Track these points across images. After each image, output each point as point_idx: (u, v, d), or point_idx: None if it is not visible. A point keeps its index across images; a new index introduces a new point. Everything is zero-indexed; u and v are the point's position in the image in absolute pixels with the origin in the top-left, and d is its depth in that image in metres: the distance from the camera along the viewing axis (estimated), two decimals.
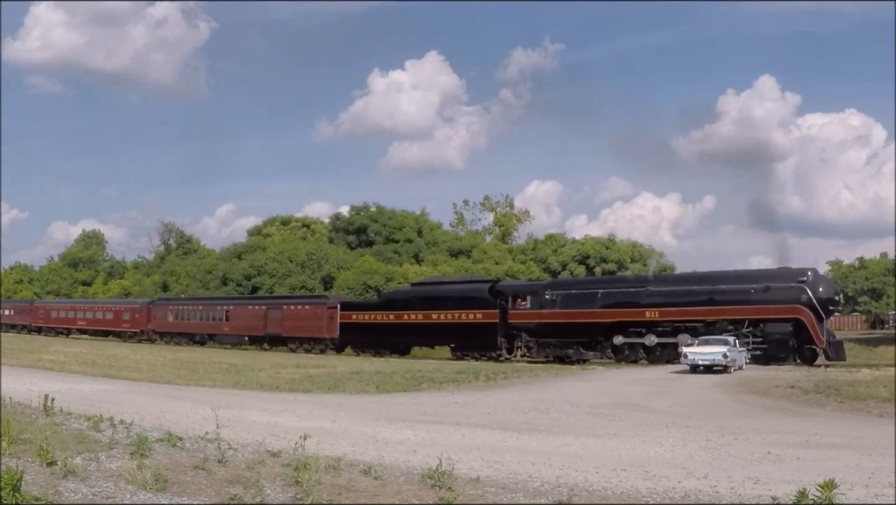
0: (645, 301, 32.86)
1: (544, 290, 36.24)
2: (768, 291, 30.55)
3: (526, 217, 78.53)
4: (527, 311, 35.73)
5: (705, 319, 31.22)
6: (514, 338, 36.32)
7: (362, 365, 30.83)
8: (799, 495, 5.96)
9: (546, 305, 35.16)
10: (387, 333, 39.95)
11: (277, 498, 6.75)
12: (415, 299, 40.30)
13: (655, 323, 32.44)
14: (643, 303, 32.84)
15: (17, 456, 7.75)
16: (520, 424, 13.58)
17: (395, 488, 7.43)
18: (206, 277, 66.63)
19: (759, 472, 8.86)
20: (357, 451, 9.87)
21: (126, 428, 10.57)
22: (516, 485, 7.77)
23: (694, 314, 31.57)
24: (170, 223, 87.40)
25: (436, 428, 12.81)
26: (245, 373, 25.89)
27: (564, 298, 35.05)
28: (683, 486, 7.94)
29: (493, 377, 24.16)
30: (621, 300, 33.66)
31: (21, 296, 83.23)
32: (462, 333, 36.98)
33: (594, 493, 7.56)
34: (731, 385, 21.48)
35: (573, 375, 26.58)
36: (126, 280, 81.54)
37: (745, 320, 30.50)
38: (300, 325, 44.23)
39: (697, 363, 25.63)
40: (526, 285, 40.61)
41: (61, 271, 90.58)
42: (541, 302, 35.36)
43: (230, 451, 8.94)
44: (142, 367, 28.33)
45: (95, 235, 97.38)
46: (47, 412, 11.89)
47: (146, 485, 6.76)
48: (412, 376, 23.72)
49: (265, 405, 15.99)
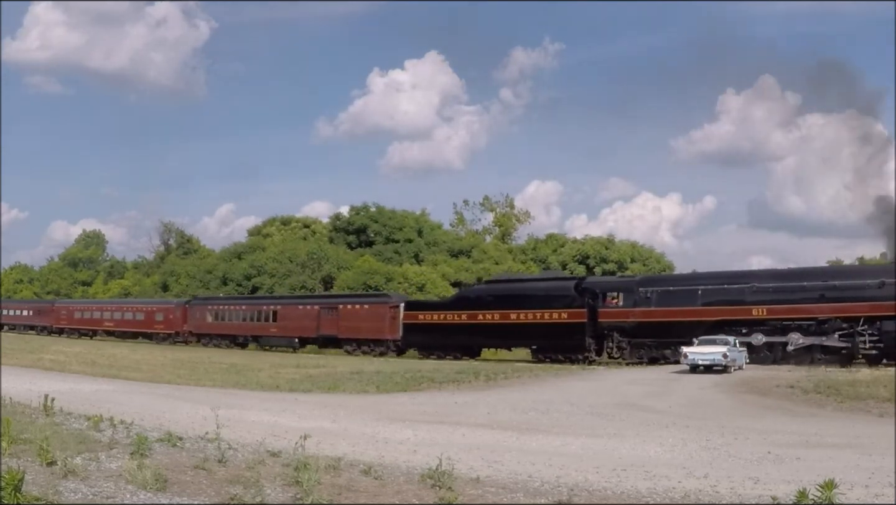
0: (750, 298, 31.21)
1: (638, 286, 34.30)
2: (883, 286, 29.12)
3: (526, 217, 78.64)
4: (619, 309, 33.87)
5: (816, 316, 29.78)
6: (604, 338, 34.44)
7: (362, 365, 30.84)
8: (799, 495, 5.96)
9: (640, 302, 33.29)
10: (457, 334, 37.84)
11: (277, 498, 6.75)
12: (490, 298, 37.98)
13: (762, 321, 30.77)
14: (748, 300, 31.21)
15: (17, 456, 7.74)
16: (520, 424, 13.59)
17: (395, 488, 7.43)
18: (206, 277, 66.60)
19: (759, 472, 8.86)
20: (357, 451, 9.87)
21: (126, 428, 10.56)
22: (516, 485, 7.77)
23: (805, 312, 30.04)
24: (170, 223, 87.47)
25: (436, 428, 12.81)
26: (245, 373, 25.89)
27: (661, 294, 33.16)
28: (683, 486, 7.94)
29: (493, 377, 24.17)
30: (724, 297, 31.91)
31: (21, 296, 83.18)
32: (545, 333, 34.89)
33: (594, 493, 7.56)
34: (731, 385, 21.48)
35: (573, 375, 26.59)
36: (126, 280, 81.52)
37: (861, 318, 29.06)
38: (359, 326, 41.75)
39: (697, 363, 25.65)
40: (618, 282, 38.15)
41: (61, 271, 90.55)
42: (634, 299, 33.48)
43: (230, 451, 8.93)
44: (142, 367, 28.33)
45: (95, 235, 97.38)
46: (47, 412, 11.88)
47: (146, 485, 6.75)
48: (412, 376, 23.72)
49: (265, 405, 16.00)
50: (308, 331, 44.26)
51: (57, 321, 61.57)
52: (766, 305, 30.72)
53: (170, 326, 52.53)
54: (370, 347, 41.07)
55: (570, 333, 34.16)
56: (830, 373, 24.17)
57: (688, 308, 32.18)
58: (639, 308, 33.23)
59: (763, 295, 31.02)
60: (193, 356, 36.13)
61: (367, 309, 42.17)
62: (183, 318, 51.84)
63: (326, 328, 43.17)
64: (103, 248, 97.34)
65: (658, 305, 32.89)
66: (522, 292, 37.19)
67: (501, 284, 40.49)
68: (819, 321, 29.71)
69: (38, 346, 41.52)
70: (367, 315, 41.65)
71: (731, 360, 25.67)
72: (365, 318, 41.66)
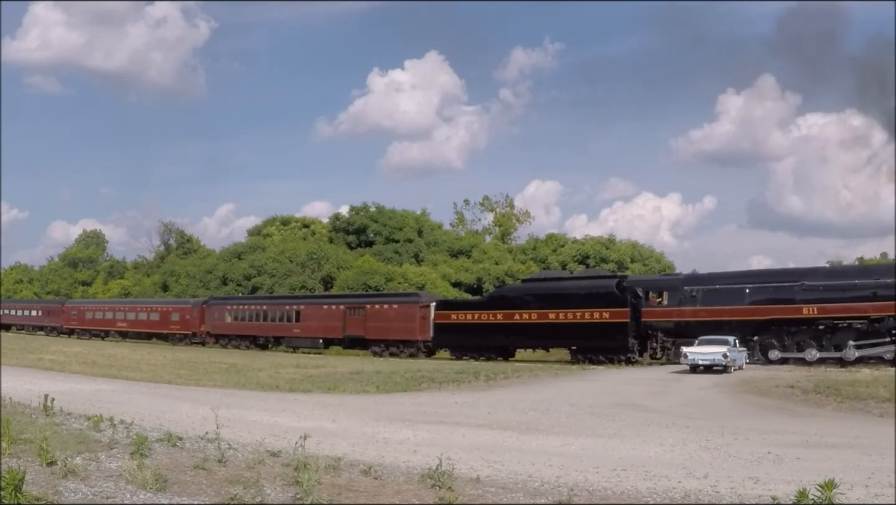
0: (801, 297, 30.16)
1: (683, 284, 33.26)
2: None
3: (526, 217, 78.60)
4: (664, 308, 32.99)
5: (869, 315, 28.76)
6: (648, 338, 33.48)
7: (363, 365, 30.85)
8: (799, 495, 5.96)
9: (686, 301, 32.30)
10: (492, 334, 36.62)
11: (277, 498, 6.75)
12: (528, 297, 36.78)
13: (813, 320, 29.84)
14: (798, 299, 30.14)
15: (17, 456, 7.75)
16: (520, 424, 13.59)
17: (395, 488, 7.44)
18: (207, 277, 66.57)
19: (759, 472, 8.87)
20: (357, 451, 9.88)
21: (126, 428, 10.58)
22: (516, 485, 7.78)
23: (857, 310, 28.98)
24: (170, 223, 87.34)
25: (436, 428, 12.82)
26: (245, 373, 25.90)
27: (707, 293, 32.12)
28: (683, 486, 7.94)
29: (493, 377, 24.18)
30: (773, 296, 30.83)
31: (21, 295, 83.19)
32: (585, 333, 33.71)
33: (594, 493, 7.56)
34: (731, 385, 21.50)
35: (573, 375, 26.61)
36: (126, 280, 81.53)
37: None
38: (387, 326, 40.31)
39: (697, 363, 25.66)
40: (662, 280, 37.07)
41: (61, 271, 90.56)
42: (680, 298, 32.53)
43: (230, 451, 8.94)
44: (142, 367, 28.34)
45: (95, 235, 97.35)
46: (47, 412, 11.90)
47: (146, 485, 6.76)
48: (412, 376, 23.73)
49: (265, 405, 16.01)
50: (333, 331, 42.90)
51: (67, 322, 60.23)
52: (817, 304, 29.71)
53: (186, 327, 51.04)
54: (399, 349, 39.94)
55: (613, 333, 33.19)
56: (830, 373, 24.19)
57: (735, 307, 31.27)
58: (685, 307, 32.30)
59: (814, 293, 30.07)
60: (193, 356, 36.13)
61: (396, 309, 40.84)
62: (200, 318, 50.36)
63: (353, 329, 41.96)
64: (103, 248, 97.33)
65: (704, 303, 31.95)
66: (562, 291, 36.10)
67: (539, 282, 39.16)
68: (871, 320, 28.81)
69: (38, 346, 41.54)
70: (396, 315, 40.40)
71: (731, 360, 25.68)
72: (394, 318, 40.39)
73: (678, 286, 33.34)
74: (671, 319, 32.66)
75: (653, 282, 36.61)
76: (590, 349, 33.56)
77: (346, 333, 42.24)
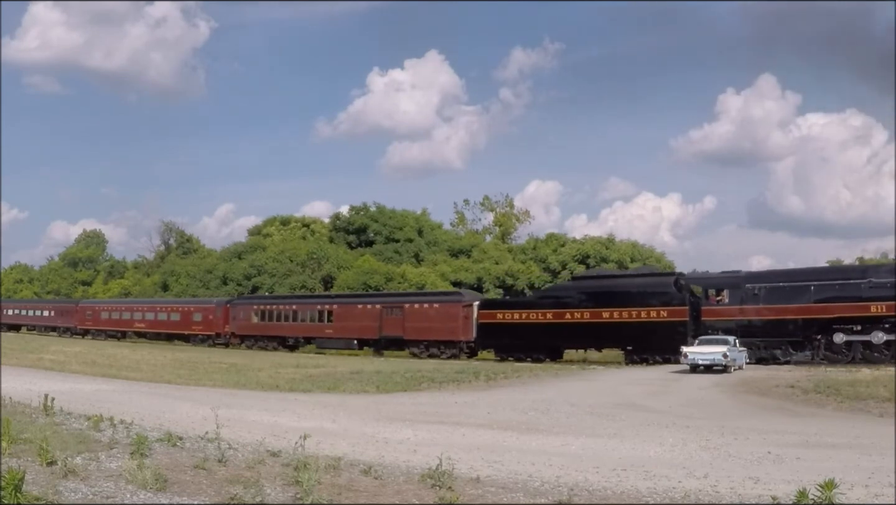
0: (868, 294, 29.22)
1: (745, 282, 32.13)
2: None
3: (525, 217, 78.63)
4: (725, 307, 31.78)
5: None
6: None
7: (363, 365, 30.85)
8: (799, 495, 5.96)
9: (748, 299, 31.28)
10: (540, 334, 35.55)
11: (277, 498, 6.75)
12: (580, 295, 35.61)
13: (881, 318, 28.72)
14: (866, 296, 29.22)
15: (17, 456, 7.75)
16: (520, 424, 13.59)
17: (395, 488, 7.44)
18: (207, 277, 66.59)
19: (759, 472, 8.87)
20: (357, 451, 9.88)
21: (126, 428, 10.58)
22: (516, 485, 7.78)
23: None
24: (170, 223, 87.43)
25: (436, 428, 12.82)
26: (245, 373, 25.91)
27: (770, 291, 31.02)
28: (683, 486, 7.94)
29: (493, 377, 24.18)
30: (839, 293, 29.87)
31: (21, 295, 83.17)
32: (641, 333, 32.63)
33: (594, 493, 7.56)
34: (731, 385, 21.49)
35: (573, 375, 26.60)
36: (126, 280, 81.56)
37: None
38: (427, 326, 38.98)
39: (697, 363, 25.65)
40: (722, 277, 35.35)
41: (61, 271, 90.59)
42: (741, 296, 31.46)
43: (230, 450, 8.94)
44: (142, 367, 28.35)
45: (95, 235, 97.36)
46: (47, 412, 11.90)
47: (146, 485, 6.76)
48: (412, 376, 23.74)
49: (265, 405, 16.01)
50: (369, 332, 41.46)
51: (81, 322, 58.58)
52: (886, 302, 28.76)
53: (209, 328, 49.27)
54: (439, 350, 38.59)
55: (670, 333, 31.98)
56: (830, 373, 24.19)
57: (800, 305, 30.27)
58: (747, 305, 31.26)
59: (882, 291, 29.18)
60: (193, 356, 36.14)
61: (438, 308, 39.45)
62: (224, 318, 48.68)
63: (390, 329, 40.54)
64: (103, 248, 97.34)
65: (767, 302, 30.91)
66: (616, 289, 35.08)
67: (592, 280, 38.09)
68: None
69: (39, 346, 41.54)
70: (438, 315, 39.07)
71: (731, 360, 25.68)
72: (435, 318, 39.06)
73: (740, 284, 32.18)
74: (732, 318, 31.39)
75: (713, 279, 34.85)
76: (646, 349, 32.50)
77: (382, 334, 40.88)
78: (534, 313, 36.38)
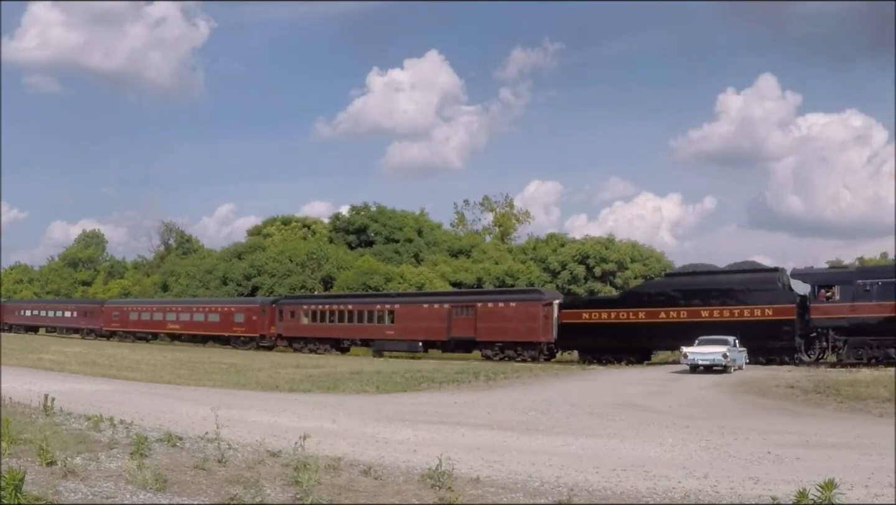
0: None
1: (856, 278, 30.19)
2: None
3: (525, 217, 78.67)
4: (836, 304, 29.71)
5: None
6: (816, 337, 30.67)
7: (363, 365, 30.85)
8: (799, 495, 5.96)
9: (860, 296, 29.34)
10: (629, 334, 33.68)
11: (277, 498, 6.75)
12: (674, 293, 33.69)
13: None
14: None
15: (17, 456, 7.75)
16: (520, 424, 13.60)
17: (395, 488, 7.43)
18: (206, 277, 66.61)
19: (759, 472, 8.87)
20: (357, 451, 9.88)
21: (126, 428, 10.57)
22: (516, 485, 7.78)
23: None
24: (170, 223, 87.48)
25: (436, 428, 12.82)
26: (245, 373, 25.91)
27: (884, 287, 29.00)
28: (683, 486, 7.94)
29: (493, 377, 24.18)
30: None
31: (21, 296, 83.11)
32: (744, 332, 30.07)
33: (594, 493, 7.56)
34: (731, 385, 21.49)
35: (573, 375, 26.60)
36: (126, 280, 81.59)
37: None
38: (503, 326, 36.78)
39: (697, 363, 25.64)
40: (832, 273, 33.56)
41: (61, 271, 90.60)
42: (853, 293, 29.50)
43: (230, 451, 8.94)
44: (142, 367, 28.35)
45: (95, 235, 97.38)
46: (47, 412, 11.89)
47: (146, 485, 6.76)
48: (412, 376, 23.73)
49: (265, 405, 16.01)
50: (436, 333, 38.79)
51: (107, 323, 55.98)
52: None
53: (252, 329, 46.73)
54: (516, 351, 36.29)
55: (777, 332, 30.20)
56: (830, 373, 24.19)
57: None
58: (859, 302, 29.30)
59: None
60: (193, 357, 36.14)
61: (514, 307, 37.14)
62: (270, 319, 46.22)
63: (460, 330, 37.98)
64: (103, 248, 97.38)
65: (881, 298, 28.95)
66: (715, 286, 33.07)
67: (687, 277, 35.94)
68: None
69: (39, 346, 41.54)
70: (514, 314, 36.83)
71: (731, 360, 25.66)
72: (511, 317, 36.84)
73: (851, 279, 30.26)
74: (843, 316, 29.51)
75: (822, 275, 32.62)
76: (749, 350, 29.77)
77: (451, 335, 38.35)
78: (623, 312, 34.33)
